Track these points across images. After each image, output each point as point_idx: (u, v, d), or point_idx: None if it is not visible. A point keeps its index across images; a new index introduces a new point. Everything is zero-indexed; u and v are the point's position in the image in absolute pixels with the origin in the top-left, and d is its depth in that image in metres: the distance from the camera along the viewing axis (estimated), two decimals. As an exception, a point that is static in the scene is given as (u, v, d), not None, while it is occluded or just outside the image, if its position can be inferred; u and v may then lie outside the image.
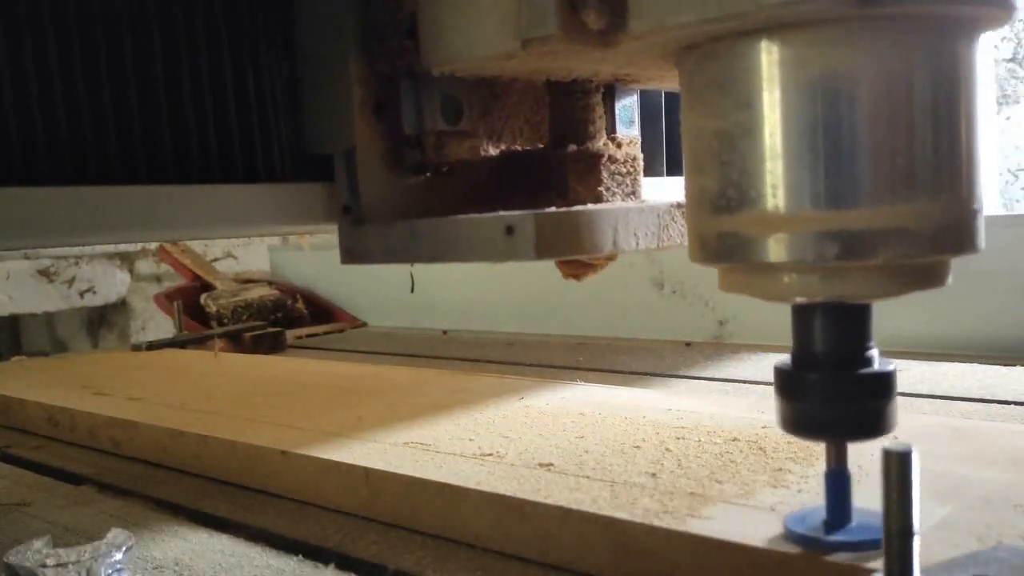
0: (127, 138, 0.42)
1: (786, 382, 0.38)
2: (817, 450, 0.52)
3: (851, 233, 0.33)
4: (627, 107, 0.52)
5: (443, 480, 0.50)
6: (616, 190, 0.49)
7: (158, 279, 2.47)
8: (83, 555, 0.47)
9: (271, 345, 1.25)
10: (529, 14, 0.36)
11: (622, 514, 0.43)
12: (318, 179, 0.45)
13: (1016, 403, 0.69)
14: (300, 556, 0.49)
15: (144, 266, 2.54)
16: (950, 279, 0.38)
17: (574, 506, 0.44)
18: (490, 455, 0.55)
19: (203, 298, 1.48)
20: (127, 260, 2.55)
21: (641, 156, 0.50)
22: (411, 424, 0.65)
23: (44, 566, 0.46)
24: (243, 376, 0.91)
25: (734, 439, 0.55)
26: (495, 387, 0.77)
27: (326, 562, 0.48)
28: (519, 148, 0.46)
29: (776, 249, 0.34)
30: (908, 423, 0.58)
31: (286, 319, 1.52)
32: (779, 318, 1.14)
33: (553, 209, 0.41)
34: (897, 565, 0.32)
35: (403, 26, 0.42)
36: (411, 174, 0.45)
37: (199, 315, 1.45)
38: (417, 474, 0.52)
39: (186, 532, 0.54)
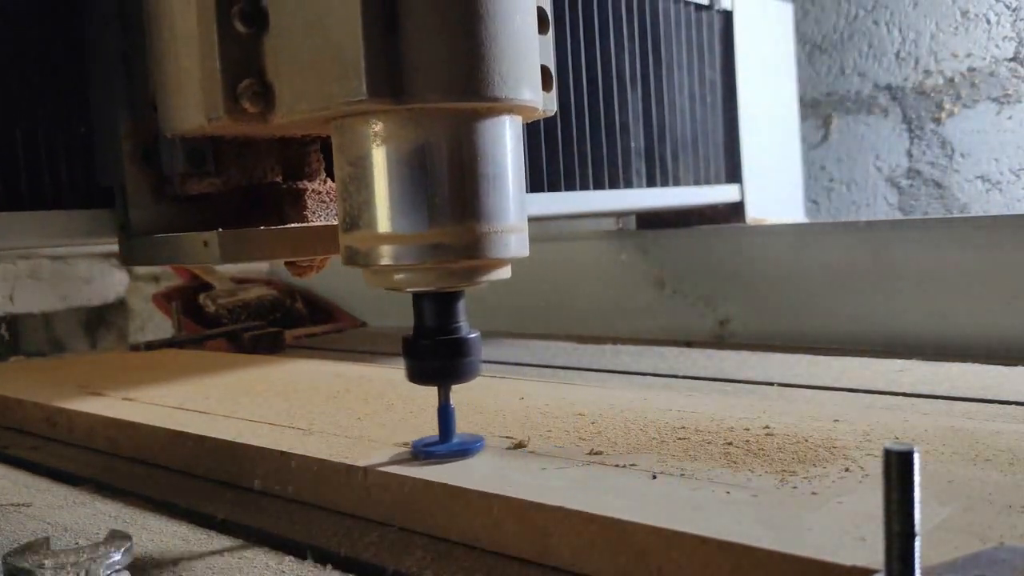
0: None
1: (407, 346, 0.55)
2: (818, 450, 0.52)
3: (417, 246, 0.50)
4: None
5: (443, 480, 0.50)
6: (321, 214, 0.64)
7: (156, 279, 2.47)
8: (82, 555, 0.47)
9: (270, 345, 1.25)
10: (208, 102, 0.52)
11: (622, 514, 0.43)
12: (108, 205, 0.63)
13: (1017, 403, 0.69)
14: (299, 556, 0.49)
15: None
16: (505, 274, 0.55)
17: (574, 506, 0.44)
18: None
19: (201, 298, 1.47)
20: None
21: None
22: (411, 424, 0.65)
23: (42, 566, 0.46)
24: (242, 376, 0.91)
25: (735, 440, 0.55)
26: (495, 387, 0.77)
27: (325, 562, 0.48)
28: (265, 182, 0.63)
29: (378, 256, 0.50)
30: (909, 423, 0.58)
31: (285, 319, 1.52)
32: (779, 318, 1.15)
33: (238, 229, 0.58)
34: (898, 566, 0.32)
35: (150, 100, 0.59)
36: (171, 202, 0.62)
37: (197, 315, 1.45)
38: (417, 474, 0.51)
39: (185, 532, 0.54)
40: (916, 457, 0.31)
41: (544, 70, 0.55)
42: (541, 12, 0.54)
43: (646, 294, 1.23)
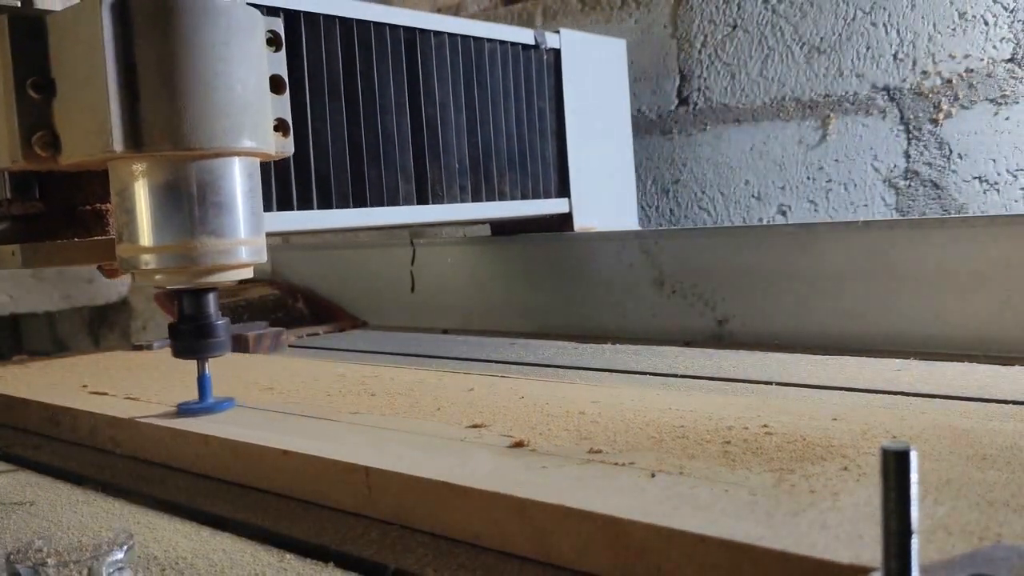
0: None
1: (171, 330, 0.73)
2: (816, 449, 0.52)
3: (167, 255, 0.66)
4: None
5: (444, 479, 0.50)
6: None
7: (158, 279, 2.46)
8: (84, 554, 0.47)
9: (271, 345, 1.25)
10: (11, 148, 0.68)
11: (622, 512, 0.43)
12: None
13: (1014, 402, 0.69)
14: (300, 555, 0.49)
15: (144, 266, 2.54)
16: (246, 274, 0.72)
17: (574, 505, 0.45)
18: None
19: (203, 298, 1.48)
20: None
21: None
22: (411, 423, 0.65)
23: (45, 565, 0.46)
24: (243, 376, 0.92)
25: (733, 438, 0.56)
26: (495, 386, 0.77)
27: (326, 561, 0.48)
28: (85, 205, 0.78)
29: (139, 263, 0.67)
30: (906, 422, 0.58)
31: (287, 318, 1.52)
32: (779, 318, 1.15)
33: (39, 242, 0.76)
34: (896, 564, 0.32)
35: None
36: (6, 220, 0.76)
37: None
38: (418, 473, 0.52)
39: (187, 531, 0.54)
40: (913, 456, 0.32)
41: (280, 121, 0.73)
42: (277, 78, 0.72)
43: (646, 294, 1.23)
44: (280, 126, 0.73)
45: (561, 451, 0.55)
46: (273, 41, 0.72)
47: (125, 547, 0.48)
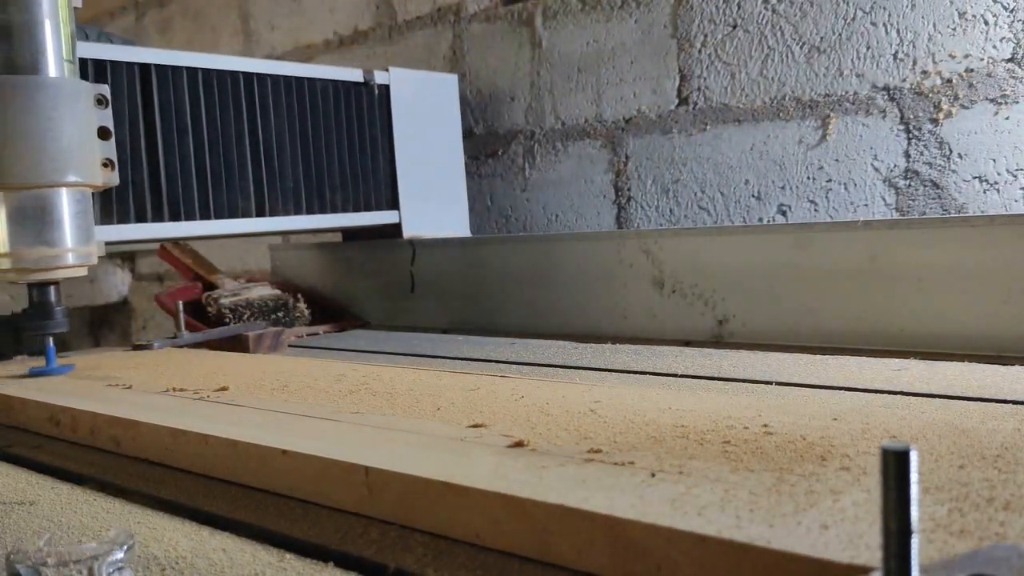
0: None
1: (22, 314, 1.00)
2: (816, 449, 0.52)
3: (16, 258, 0.94)
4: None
5: (444, 479, 0.50)
6: None
7: (159, 279, 2.47)
8: (84, 554, 0.47)
9: (272, 344, 1.25)
10: None
11: (622, 512, 0.43)
12: None
13: (1014, 402, 0.69)
14: (300, 555, 0.49)
15: (145, 265, 2.54)
16: (79, 272, 0.98)
17: (574, 504, 0.45)
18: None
19: (204, 297, 1.48)
20: (128, 259, 2.55)
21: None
22: (411, 423, 0.65)
23: (45, 565, 0.46)
24: (244, 375, 0.92)
25: (733, 438, 0.56)
26: (495, 386, 0.77)
27: (326, 560, 0.48)
28: None
29: (3, 262, 0.94)
30: (906, 422, 0.58)
31: (287, 318, 1.52)
32: (779, 318, 1.15)
33: None
34: (896, 564, 0.32)
35: None
36: None
37: (200, 315, 1.45)
38: (418, 472, 0.52)
39: (187, 531, 0.54)
40: (913, 456, 0.32)
41: (107, 160, 0.99)
42: (103, 128, 0.99)
43: (646, 294, 1.23)
44: (107, 163, 0.99)
45: (561, 451, 0.55)
46: (102, 101, 0.99)
47: (125, 547, 0.48)
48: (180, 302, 1.29)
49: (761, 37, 1.40)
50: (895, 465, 0.32)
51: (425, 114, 1.60)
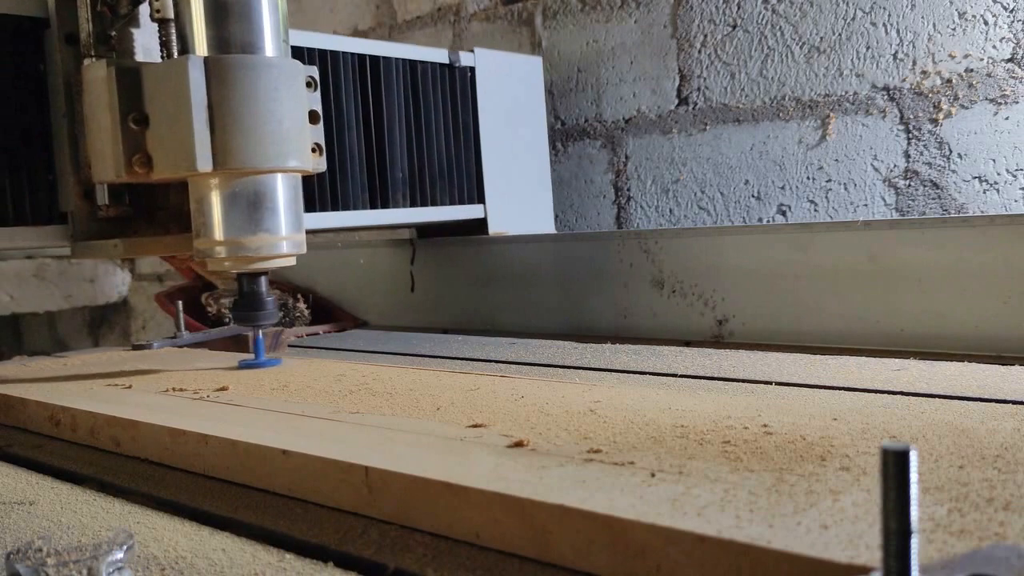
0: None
1: (233, 306, 0.95)
2: (816, 449, 0.52)
3: (234, 247, 0.89)
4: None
5: (444, 479, 0.50)
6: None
7: (159, 278, 2.47)
8: (84, 554, 0.47)
9: (271, 344, 1.25)
10: (115, 166, 0.88)
11: (622, 512, 0.43)
12: (64, 223, 1.00)
13: (1013, 402, 0.69)
14: (300, 554, 0.49)
15: (145, 265, 2.54)
16: (288, 262, 0.92)
17: (574, 504, 0.45)
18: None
19: (204, 297, 1.48)
20: (128, 259, 2.55)
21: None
22: (411, 423, 0.65)
23: (45, 564, 0.46)
24: (244, 375, 0.92)
25: (733, 438, 0.56)
26: (495, 386, 0.77)
27: (326, 560, 0.48)
28: (162, 207, 1.00)
29: (213, 253, 0.89)
30: (906, 422, 0.58)
31: (287, 318, 1.52)
32: (779, 318, 1.15)
33: (134, 237, 0.99)
34: (896, 563, 0.32)
35: (88, 164, 0.94)
36: (100, 221, 0.98)
37: (200, 315, 1.45)
38: (418, 472, 0.52)
39: (187, 530, 0.54)
40: (913, 456, 0.32)
41: (316, 145, 0.95)
42: (313, 112, 0.94)
43: (646, 294, 1.23)
44: (316, 148, 0.95)
45: (561, 451, 0.55)
46: (311, 84, 0.94)
47: (125, 547, 0.48)
48: (180, 302, 1.29)
49: (761, 37, 1.40)
50: (895, 465, 0.32)
51: (511, 99, 1.50)
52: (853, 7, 1.31)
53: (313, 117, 0.94)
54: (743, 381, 0.85)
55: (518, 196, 1.51)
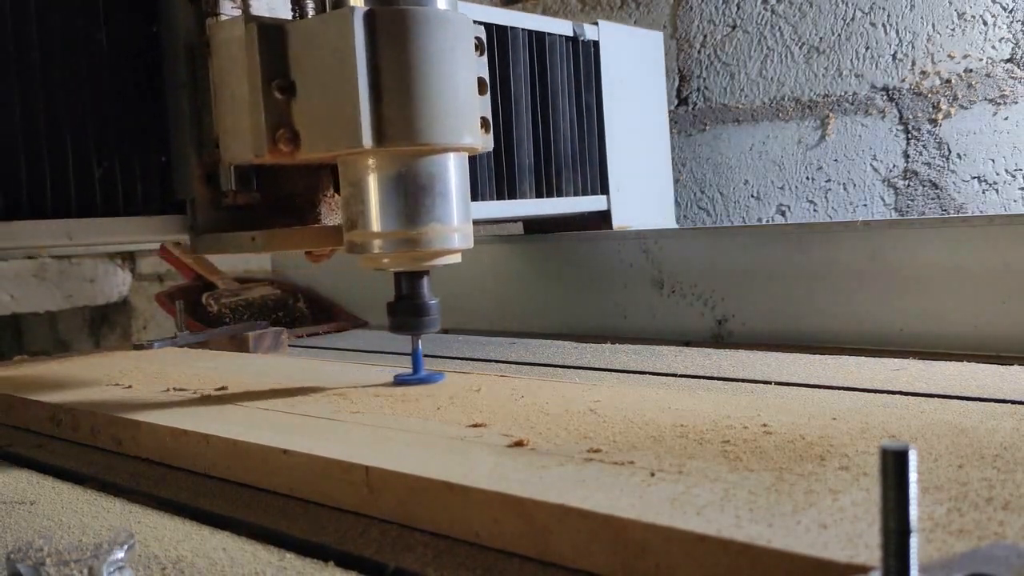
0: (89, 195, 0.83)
1: (390, 308, 0.80)
2: (815, 448, 0.53)
3: (395, 240, 0.74)
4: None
5: (444, 478, 0.50)
6: (330, 218, 0.88)
7: (160, 278, 2.47)
8: (85, 553, 0.47)
9: (271, 344, 1.25)
10: (255, 144, 0.74)
11: (621, 512, 0.43)
12: (181, 212, 0.86)
13: (1013, 402, 0.69)
14: (301, 554, 0.49)
15: (146, 265, 2.54)
16: (455, 259, 0.79)
17: (574, 504, 0.45)
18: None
19: (205, 297, 1.48)
20: (128, 259, 2.55)
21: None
22: (411, 422, 0.65)
23: (45, 564, 0.46)
24: (244, 375, 0.92)
25: (733, 438, 0.56)
26: (495, 386, 0.78)
27: (326, 560, 0.48)
28: (292, 194, 0.86)
29: (370, 247, 0.75)
30: (905, 422, 0.58)
31: (287, 318, 1.52)
32: (778, 318, 1.15)
33: (272, 230, 0.83)
34: (895, 563, 0.32)
35: (215, 143, 0.81)
36: (225, 210, 0.84)
37: (201, 314, 1.45)
38: (418, 472, 0.52)
39: (188, 530, 0.54)
40: (913, 455, 0.32)
41: (483, 120, 0.79)
42: (481, 80, 0.78)
43: (646, 294, 1.24)
44: (483, 124, 0.79)
45: (561, 451, 0.55)
46: (478, 47, 0.79)
47: (125, 546, 0.48)
48: (180, 302, 1.29)
49: (760, 38, 1.40)
50: (894, 464, 0.32)
51: (634, 79, 1.34)
52: (852, 7, 1.31)
53: (481, 86, 0.78)
54: (743, 381, 0.85)
55: (642, 186, 1.37)
